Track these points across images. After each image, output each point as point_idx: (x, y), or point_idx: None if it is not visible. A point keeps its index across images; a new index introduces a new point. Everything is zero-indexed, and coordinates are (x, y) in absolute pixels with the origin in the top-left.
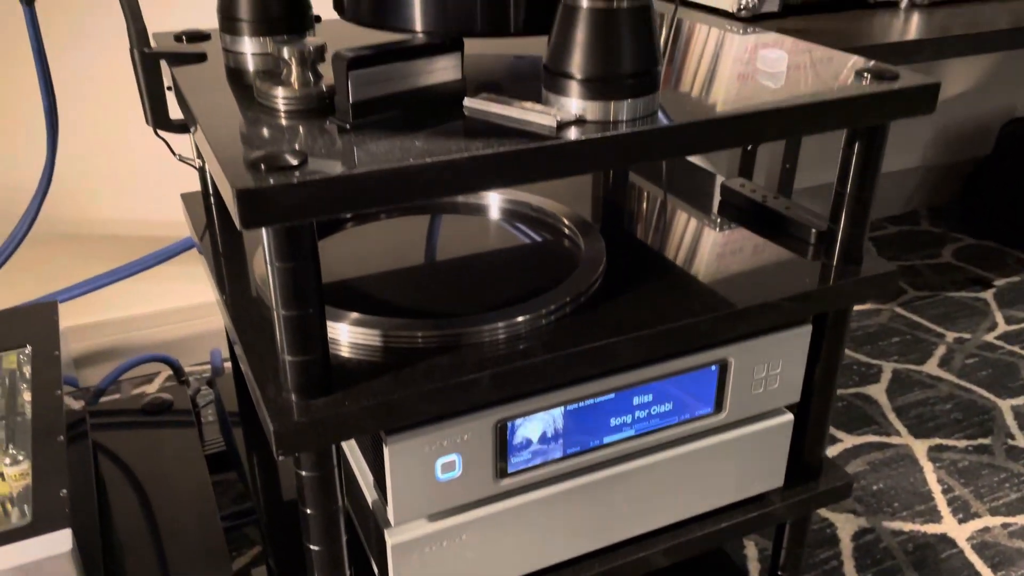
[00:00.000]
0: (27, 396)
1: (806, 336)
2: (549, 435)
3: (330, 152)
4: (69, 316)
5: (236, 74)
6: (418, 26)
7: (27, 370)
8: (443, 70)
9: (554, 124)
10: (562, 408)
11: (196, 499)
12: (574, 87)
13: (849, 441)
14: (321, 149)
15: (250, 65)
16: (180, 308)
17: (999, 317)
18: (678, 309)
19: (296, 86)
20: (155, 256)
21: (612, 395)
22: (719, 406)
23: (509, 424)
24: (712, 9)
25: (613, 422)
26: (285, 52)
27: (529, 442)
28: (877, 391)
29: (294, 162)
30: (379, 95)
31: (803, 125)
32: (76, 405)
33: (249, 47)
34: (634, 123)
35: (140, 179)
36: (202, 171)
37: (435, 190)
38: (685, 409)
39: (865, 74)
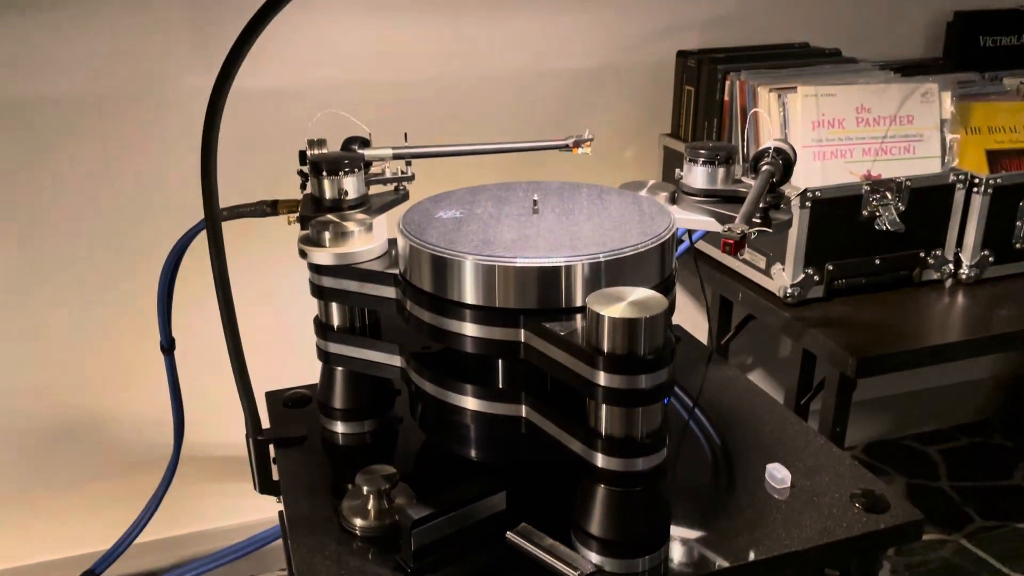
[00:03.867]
0: None
1: None
2: None
3: None
4: None
5: (330, 449)
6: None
7: None
8: (492, 506)
9: None
10: None
11: None
12: (594, 544)
13: None
14: None
15: (340, 441)
16: None
17: None
18: None
19: (372, 517)
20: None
21: None
22: None
23: None
24: (764, 290)
25: None
26: (365, 488)
27: None
28: None
29: None
30: (438, 538)
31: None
32: None
33: (340, 428)
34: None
35: None
36: None
37: None
38: None
39: (856, 504)
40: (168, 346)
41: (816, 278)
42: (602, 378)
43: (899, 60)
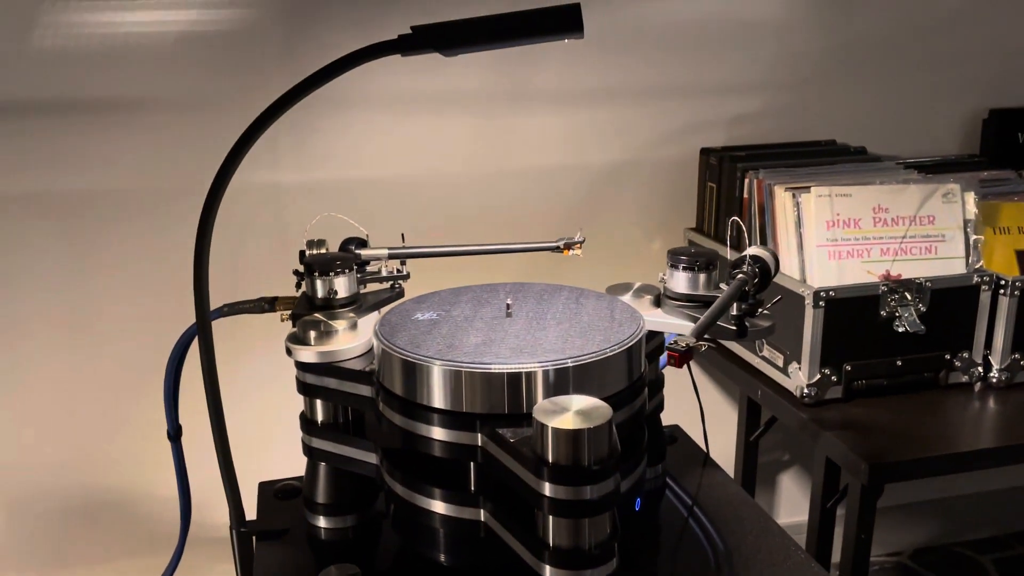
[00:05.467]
0: None
1: None
2: None
3: None
4: None
5: (312, 543)
6: None
7: None
8: None
9: None
10: None
11: None
12: None
13: None
14: None
15: (323, 536)
16: None
17: None
18: None
19: None
20: None
21: None
22: None
23: None
24: (782, 389)
25: None
26: None
27: None
28: None
29: None
30: None
31: None
32: None
33: (323, 523)
34: None
35: None
36: None
37: None
38: None
39: None
40: (175, 434)
41: (834, 378)
42: (547, 488)
43: (932, 157)
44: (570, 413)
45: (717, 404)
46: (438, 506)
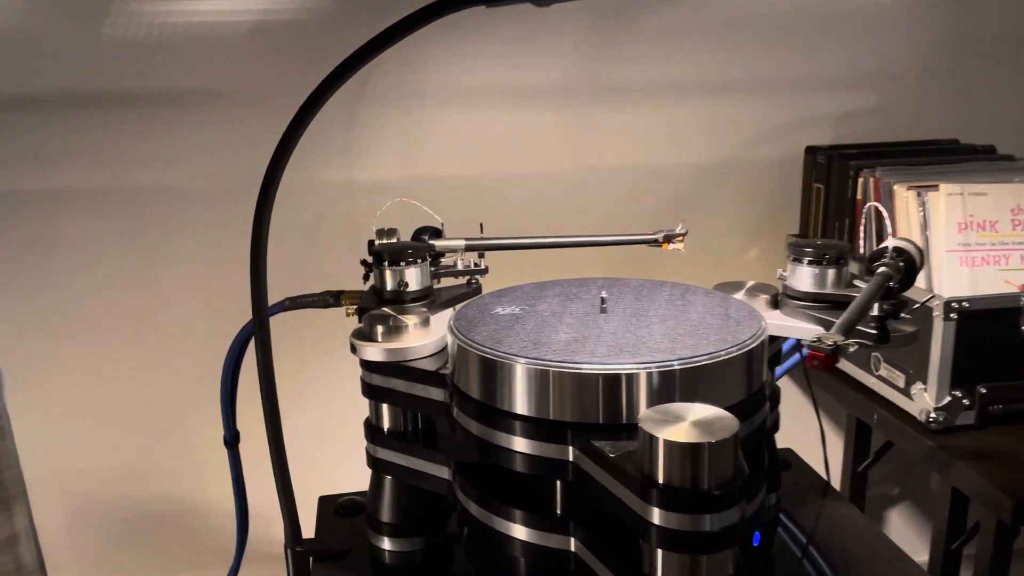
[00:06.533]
0: None
1: None
2: None
3: None
4: None
5: (376, 567)
6: None
7: None
8: None
9: None
10: None
11: None
12: None
13: None
14: None
15: (387, 559)
16: None
17: None
18: None
19: None
20: None
21: None
22: None
23: None
24: (904, 413)
25: None
26: None
27: None
28: None
29: None
30: None
31: None
32: None
33: (388, 544)
34: None
35: None
36: None
37: None
38: None
39: None
40: (232, 440)
41: (966, 402)
42: (656, 515)
43: None
44: (686, 424)
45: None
46: (519, 531)
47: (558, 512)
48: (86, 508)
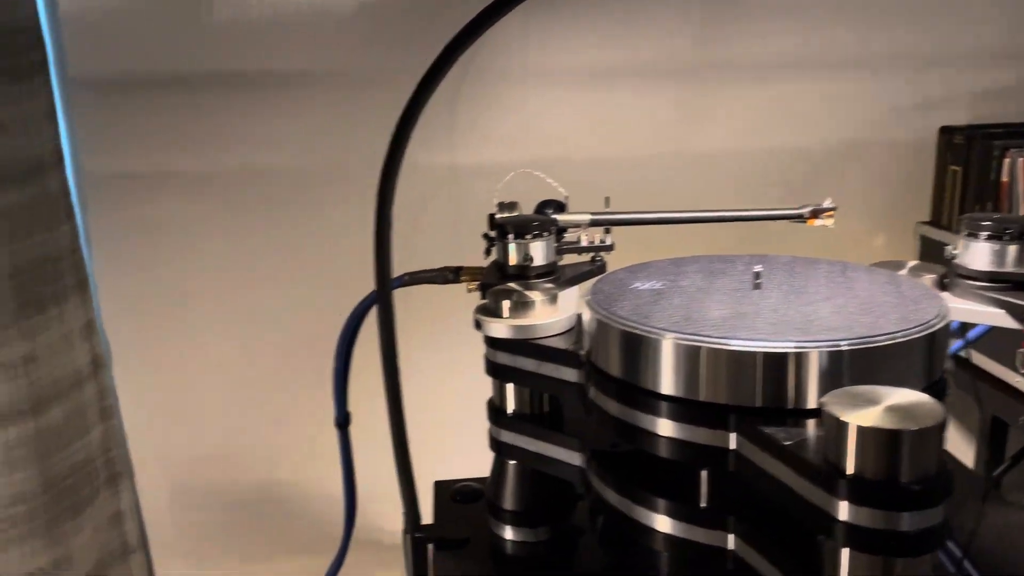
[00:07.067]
0: None
1: None
2: None
3: None
4: None
5: (497, 557)
6: None
7: None
8: None
9: None
10: None
11: None
12: None
13: None
14: None
15: (509, 549)
16: None
17: None
18: None
19: None
20: None
21: None
22: None
23: None
24: None
25: None
26: None
27: None
28: None
29: None
30: None
31: None
32: None
33: (510, 533)
34: None
35: None
36: None
37: None
38: None
39: None
40: (343, 421)
41: None
42: (844, 510)
43: None
44: (879, 408)
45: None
46: (664, 523)
47: (702, 504)
48: (189, 489)
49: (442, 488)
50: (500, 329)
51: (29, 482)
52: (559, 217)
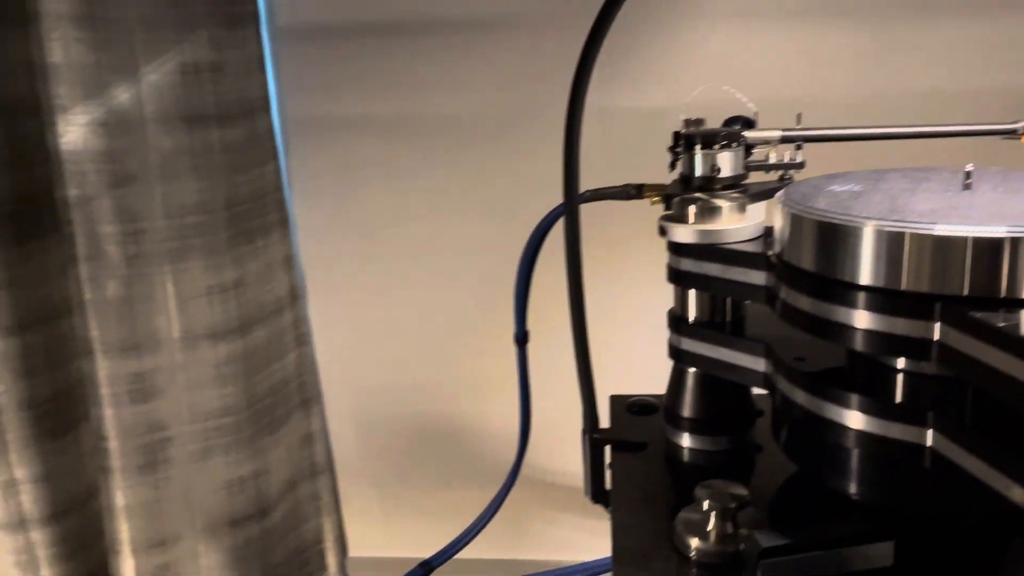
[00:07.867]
0: None
1: None
2: None
3: None
4: None
5: (673, 464)
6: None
7: None
8: (872, 558)
9: None
10: None
11: None
12: None
13: None
14: None
15: (686, 457)
16: None
17: None
18: None
19: (712, 539)
20: None
21: None
22: None
23: None
24: None
25: None
26: (706, 503)
27: None
28: None
29: None
30: None
31: None
32: None
33: (687, 441)
34: None
35: None
36: None
37: None
38: None
39: None
40: (522, 337)
41: None
42: None
43: None
44: None
45: None
46: (859, 420)
47: (897, 400)
48: (374, 417)
49: (617, 401)
50: (686, 234)
51: (235, 397)
52: (747, 133)
